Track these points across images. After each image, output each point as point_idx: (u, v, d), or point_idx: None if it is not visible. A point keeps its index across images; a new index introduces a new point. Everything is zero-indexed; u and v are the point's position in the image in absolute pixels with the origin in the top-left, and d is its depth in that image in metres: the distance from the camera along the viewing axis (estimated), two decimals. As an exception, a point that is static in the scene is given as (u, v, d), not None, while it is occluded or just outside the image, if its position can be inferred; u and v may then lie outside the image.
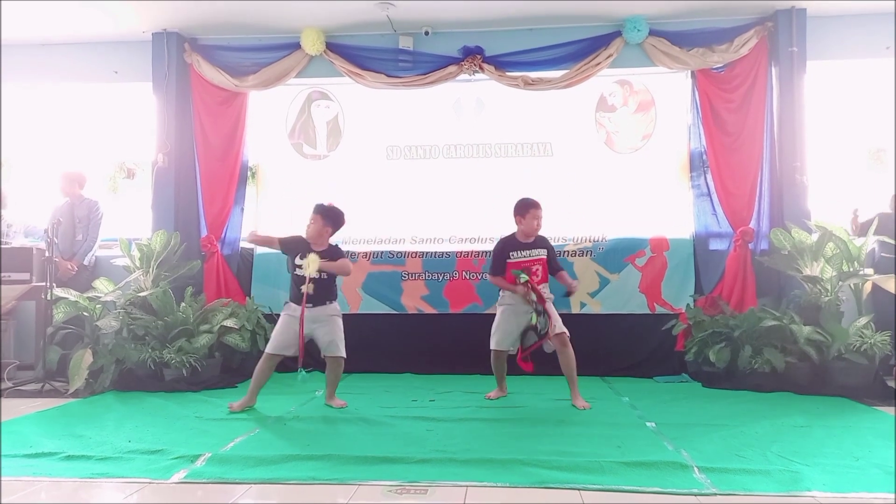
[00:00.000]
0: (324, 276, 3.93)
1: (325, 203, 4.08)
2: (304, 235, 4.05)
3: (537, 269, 4.10)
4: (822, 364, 4.49)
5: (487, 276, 4.37)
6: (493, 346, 4.24)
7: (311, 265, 3.84)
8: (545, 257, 4.14)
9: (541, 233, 4.21)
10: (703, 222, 5.42)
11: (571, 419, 3.67)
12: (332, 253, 4.01)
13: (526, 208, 4.13)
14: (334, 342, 4.00)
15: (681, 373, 5.06)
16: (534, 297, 4.00)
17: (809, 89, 5.26)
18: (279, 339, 3.97)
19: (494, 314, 5.39)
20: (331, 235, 4.06)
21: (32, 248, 5.10)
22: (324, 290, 3.95)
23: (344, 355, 4.04)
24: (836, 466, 2.77)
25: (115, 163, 6.02)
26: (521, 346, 4.15)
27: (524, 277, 4.01)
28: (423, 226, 5.69)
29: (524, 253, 4.13)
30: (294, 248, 4.01)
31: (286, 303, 4.08)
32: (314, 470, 2.75)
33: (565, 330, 4.04)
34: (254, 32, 5.64)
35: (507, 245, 4.19)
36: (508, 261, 4.13)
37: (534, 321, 3.99)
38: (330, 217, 4.03)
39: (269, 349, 3.99)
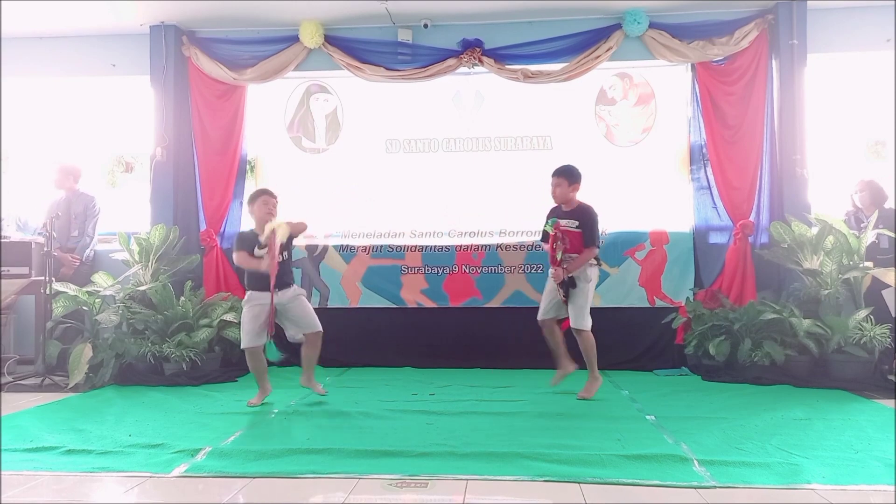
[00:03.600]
0: (284, 256, 3.96)
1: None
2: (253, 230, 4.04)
3: (561, 236, 4.10)
4: (821, 357, 4.50)
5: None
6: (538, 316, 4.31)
7: (279, 230, 3.82)
8: (576, 230, 4.09)
9: (542, 225, 4.29)
10: (703, 215, 5.42)
11: (571, 412, 3.68)
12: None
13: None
14: (311, 316, 4.01)
15: (680, 366, 5.07)
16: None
17: (810, 82, 5.25)
18: (254, 331, 3.90)
19: (494, 307, 5.45)
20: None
21: (31, 242, 5.09)
22: (285, 273, 3.97)
23: (321, 328, 4.03)
24: (836, 459, 2.78)
25: (113, 157, 6.01)
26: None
27: (548, 229, 4.11)
28: (422, 219, 5.68)
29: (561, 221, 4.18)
30: (249, 243, 3.94)
31: (248, 294, 3.99)
32: (314, 464, 2.76)
33: (582, 327, 4.08)
34: (252, 25, 5.62)
35: (552, 211, 4.30)
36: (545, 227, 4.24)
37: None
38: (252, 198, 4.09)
39: (245, 345, 3.92)
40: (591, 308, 5.30)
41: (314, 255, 5.64)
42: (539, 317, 4.29)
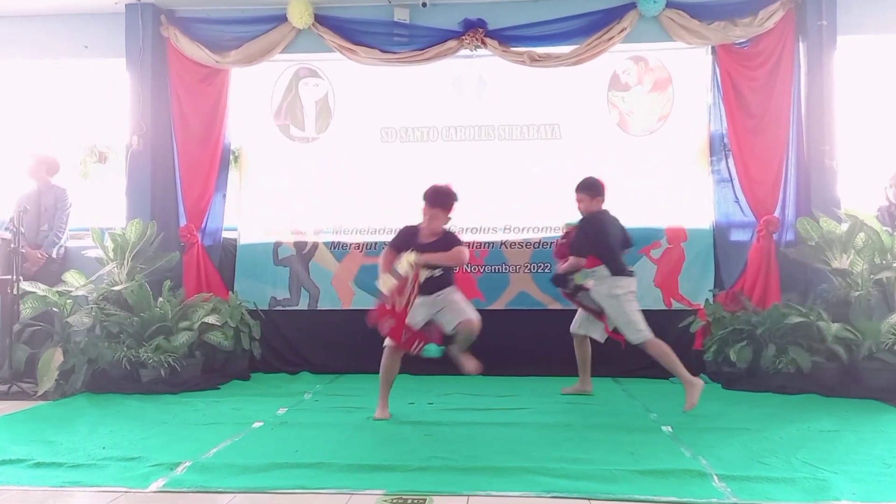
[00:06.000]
0: (437, 273, 3.88)
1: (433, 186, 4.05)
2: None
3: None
4: (851, 364, 4.50)
5: None
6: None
7: (402, 264, 3.79)
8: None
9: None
10: (724, 211, 5.43)
11: (580, 423, 3.69)
12: (445, 242, 3.95)
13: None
14: (461, 311, 3.95)
15: (699, 373, 5.05)
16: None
17: (839, 66, 5.24)
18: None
19: (498, 310, 5.45)
20: (443, 221, 4.01)
21: (-3, 237, 5.10)
22: (435, 281, 3.91)
23: (471, 316, 3.94)
24: (867, 474, 2.78)
25: (86, 146, 6.01)
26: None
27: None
28: (419, 214, 5.66)
29: None
30: (403, 244, 3.99)
31: None
32: (303, 478, 2.76)
33: (635, 341, 4.16)
34: (236, 3, 5.61)
35: None
36: None
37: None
38: (431, 199, 4.01)
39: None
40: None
41: (303, 252, 5.65)
42: (571, 328, 4.50)
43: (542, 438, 3.38)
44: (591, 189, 4.40)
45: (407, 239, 4.00)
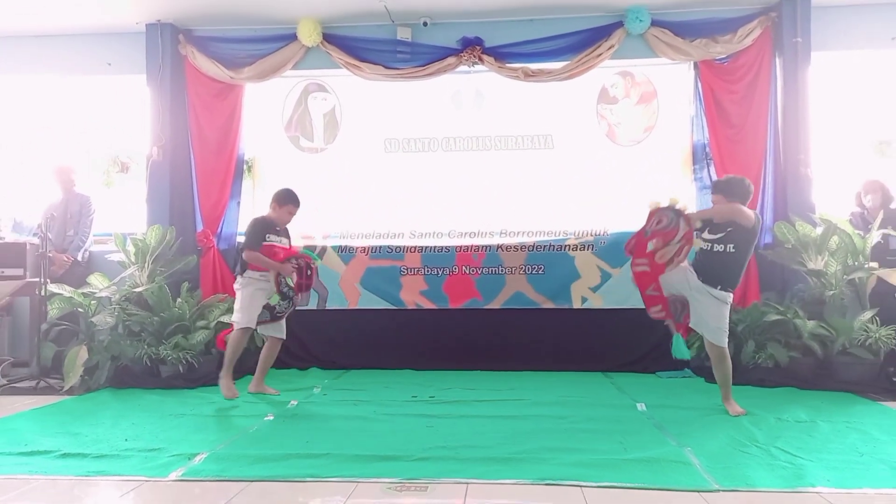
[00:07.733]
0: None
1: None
2: None
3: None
4: (826, 359, 4.50)
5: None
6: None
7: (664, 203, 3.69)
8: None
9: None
10: (706, 216, 5.42)
11: (573, 415, 3.68)
12: None
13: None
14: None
15: (683, 368, 5.07)
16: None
17: (814, 80, 5.24)
18: None
19: (494, 309, 5.44)
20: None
21: (26, 243, 5.08)
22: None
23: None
24: (841, 462, 2.78)
25: (109, 156, 6.01)
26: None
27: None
28: (421, 220, 5.68)
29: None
30: None
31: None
32: (313, 467, 2.76)
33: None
34: (249, 23, 5.61)
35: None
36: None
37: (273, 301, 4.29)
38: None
39: None
40: (592, 309, 5.35)
41: (312, 255, 5.64)
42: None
43: (537, 429, 3.37)
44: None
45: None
